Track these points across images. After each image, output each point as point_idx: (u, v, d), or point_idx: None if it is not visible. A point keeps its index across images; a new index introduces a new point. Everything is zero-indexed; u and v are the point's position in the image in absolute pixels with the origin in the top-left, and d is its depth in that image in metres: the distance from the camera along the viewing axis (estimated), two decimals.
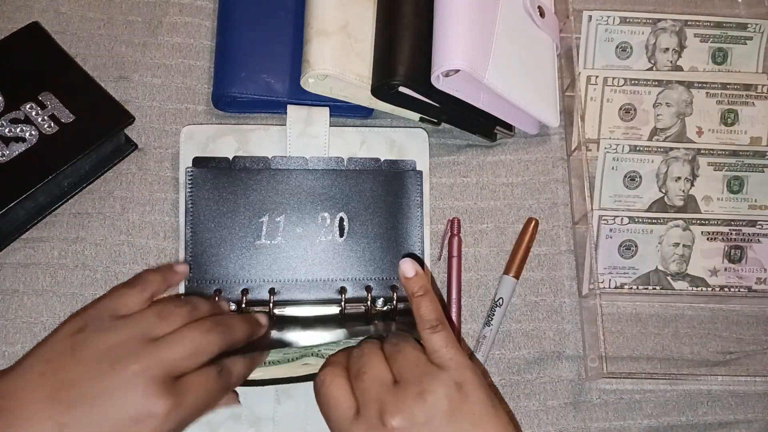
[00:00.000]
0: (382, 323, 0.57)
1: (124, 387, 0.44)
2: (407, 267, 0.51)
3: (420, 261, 0.62)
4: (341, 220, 0.62)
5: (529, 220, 0.65)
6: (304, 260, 0.61)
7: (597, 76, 0.68)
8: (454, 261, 0.63)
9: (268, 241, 0.61)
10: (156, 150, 0.66)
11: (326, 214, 0.62)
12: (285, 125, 0.63)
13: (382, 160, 0.64)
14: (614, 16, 0.71)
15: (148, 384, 0.44)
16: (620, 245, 0.64)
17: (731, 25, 0.71)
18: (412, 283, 0.50)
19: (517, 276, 0.63)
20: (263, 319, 0.55)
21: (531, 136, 0.69)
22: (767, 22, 0.71)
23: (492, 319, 0.61)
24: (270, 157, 0.63)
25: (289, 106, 0.63)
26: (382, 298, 0.61)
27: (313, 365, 0.55)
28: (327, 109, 0.64)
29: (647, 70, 0.71)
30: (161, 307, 0.49)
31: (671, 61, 0.71)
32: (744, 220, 0.65)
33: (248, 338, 0.52)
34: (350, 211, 0.62)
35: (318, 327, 0.57)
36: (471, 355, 0.61)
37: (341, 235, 0.61)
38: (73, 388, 0.44)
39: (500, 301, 0.62)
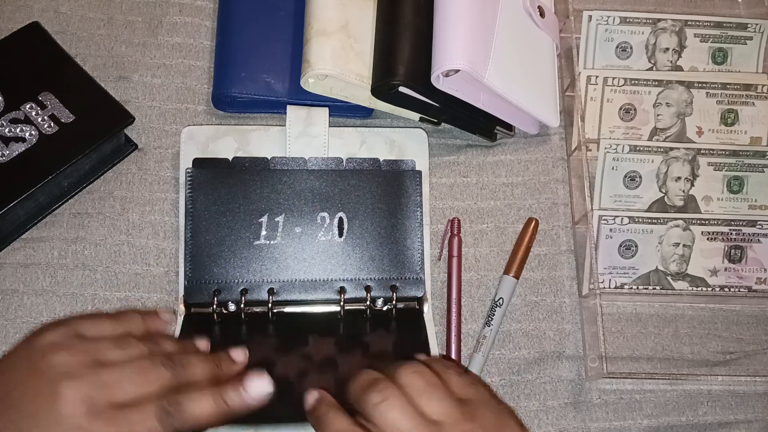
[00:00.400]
0: None
1: (57, 401, 0.43)
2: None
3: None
4: (340, 220, 0.62)
5: (529, 220, 0.65)
6: (304, 260, 0.61)
7: (597, 76, 0.68)
8: (454, 261, 0.63)
9: (268, 242, 0.61)
10: (156, 150, 0.66)
11: (325, 214, 0.62)
12: (285, 125, 0.63)
13: (382, 160, 0.64)
14: (614, 16, 0.71)
15: (83, 404, 0.43)
16: (620, 245, 0.64)
17: (731, 25, 0.71)
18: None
19: (517, 276, 0.63)
20: (254, 386, 0.48)
21: (531, 136, 0.69)
22: (767, 22, 0.71)
23: (492, 319, 0.61)
24: (269, 158, 0.63)
25: (288, 107, 0.63)
26: (381, 298, 0.61)
27: None
28: (326, 109, 0.64)
29: (647, 70, 0.71)
30: (123, 336, 0.48)
31: (671, 61, 0.71)
32: (744, 220, 0.65)
33: (210, 380, 0.48)
34: (349, 211, 0.62)
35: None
36: (471, 355, 0.61)
37: (340, 235, 0.61)
38: (11, 395, 0.43)
39: (500, 301, 0.62)
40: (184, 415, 0.45)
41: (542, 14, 0.67)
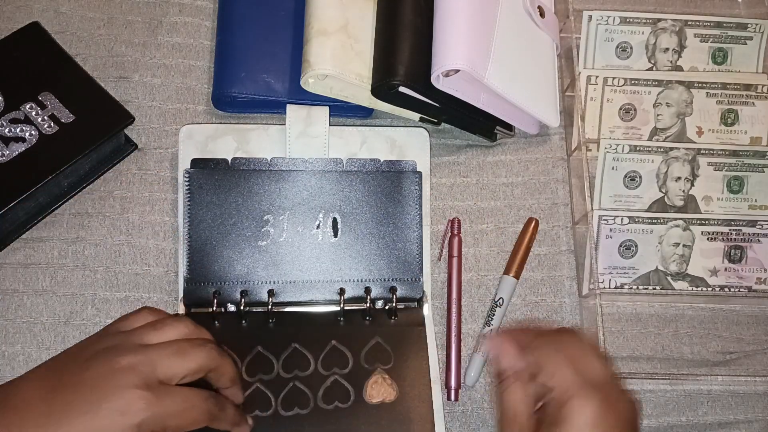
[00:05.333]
0: None
1: (111, 377, 0.45)
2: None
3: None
4: (334, 220, 0.62)
5: (529, 220, 0.65)
6: (303, 261, 0.61)
7: (597, 76, 0.68)
8: (454, 261, 0.63)
9: (267, 243, 0.61)
10: (156, 150, 0.66)
11: (321, 215, 0.62)
12: (285, 125, 0.63)
13: (382, 160, 0.64)
14: (614, 16, 0.71)
15: (134, 379, 0.45)
16: (620, 245, 0.64)
17: (731, 25, 0.71)
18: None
19: (517, 276, 0.63)
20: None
21: (531, 136, 0.69)
22: (767, 22, 0.71)
23: (492, 319, 0.61)
24: (269, 159, 0.62)
25: (288, 106, 0.63)
26: (381, 299, 0.61)
27: None
28: (327, 108, 0.64)
29: (647, 70, 0.71)
30: (158, 320, 0.51)
31: (671, 61, 0.71)
32: (744, 220, 0.65)
33: (231, 384, 0.52)
34: (344, 211, 0.62)
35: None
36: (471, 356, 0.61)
37: (335, 235, 0.61)
38: (66, 378, 0.46)
39: (500, 301, 0.62)
40: (221, 413, 0.50)
41: (542, 14, 0.67)
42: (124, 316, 0.52)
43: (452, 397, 0.60)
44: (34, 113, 0.61)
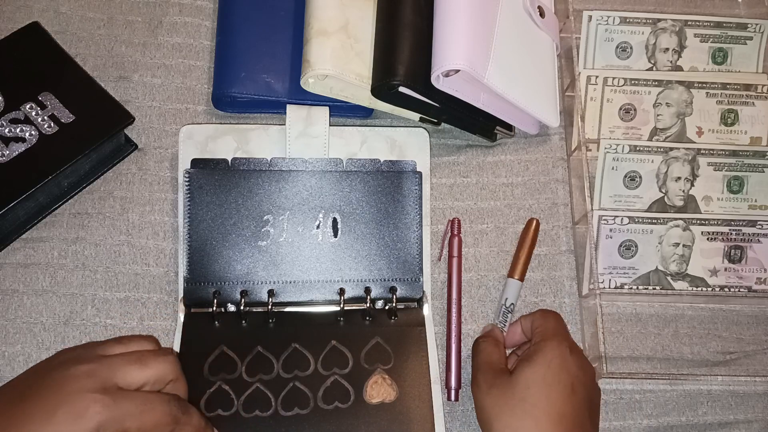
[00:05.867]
0: None
1: (68, 383, 0.46)
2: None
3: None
4: (334, 220, 0.62)
5: (530, 221, 0.65)
6: (303, 261, 0.61)
7: (597, 76, 0.68)
8: (455, 261, 0.63)
9: (267, 243, 0.61)
10: (156, 150, 0.66)
11: (321, 215, 0.62)
12: (285, 125, 0.63)
13: (382, 160, 0.64)
14: (614, 16, 0.71)
15: (91, 383, 0.46)
16: (620, 245, 0.64)
17: (731, 25, 0.71)
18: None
19: (522, 278, 0.63)
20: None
21: (531, 136, 0.69)
22: (767, 22, 0.71)
23: (505, 326, 0.61)
24: (269, 159, 0.62)
25: (288, 106, 0.63)
26: (381, 300, 0.61)
27: None
28: (327, 108, 0.64)
29: (647, 70, 0.71)
30: (124, 336, 0.53)
31: (671, 61, 0.71)
32: (744, 220, 0.65)
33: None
34: (344, 211, 0.62)
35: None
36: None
37: (335, 235, 0.61)
38: (26, 391, 0.46)
39: (512, 306, 0.62)
40: (182, 416, 0.49)
41: (542, 14, 0.67)
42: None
43: (452, 398, 0.60)
44: (34, 113, 0.61)
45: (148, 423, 0.46)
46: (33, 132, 0.60)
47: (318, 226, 0.61)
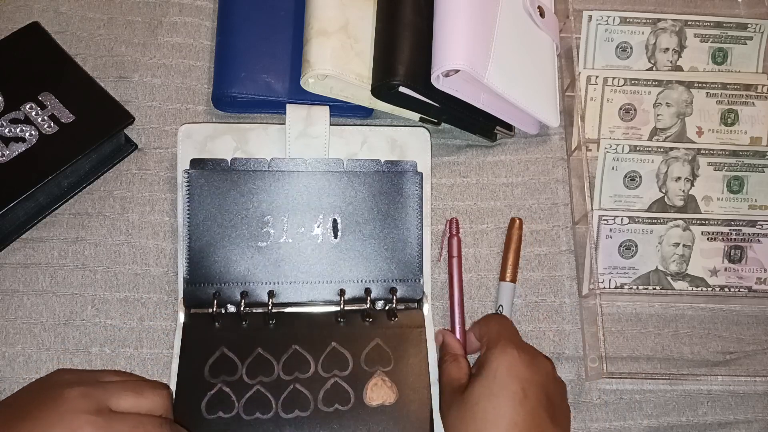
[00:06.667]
0: None
1: (63, 403, 0.47)
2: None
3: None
4: (334, 221, 0.62)
5: (512, 220, 0.65)
6: (303, 262, 0.61)
7: (597, 76, 0.68)
8: (454, 261, 0.63)
9: (267, 243, 0.61)
10: (156, 150, 0.66)
11: (321, 216, 0.62)
12: (285, 125, 0.63)
13: (383, 161, 0.63)
14: (614, 16, 0.71)
15: (85, 405, 0.47)
16: (620, 245, 0.64)
17: (731, 25, 0.71)
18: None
19: (513, 279, 0.63)
20: None
21: (531, 136, 0.69)
22: (767, 22, 0.71)
23: None
24: (269, 159, 0.62)
25: (288, 106, 0.63)
26: (382, 300, 0.61)
27: None
28: (327, 108, 0.64)
29: (647, 70, 0.71)
30: (121, 371, 0.56)
31: (671, 61, 0.71)
32: (744, 220, 0.65)
33: None
34: (345, 212, 0.62)
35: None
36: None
37: (335, 236, 0.61)
38: (23, 411, 0.47)
39: (500, 308, 0.62)
40: None
41: (542, 14, 0.67)
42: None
43: None
44: (34, 113, 0.61)
45: None
46: (33, 132, 0.60)
47: (318, 227, 0.61)
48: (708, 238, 0.65)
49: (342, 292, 0.61)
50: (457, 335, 0.61)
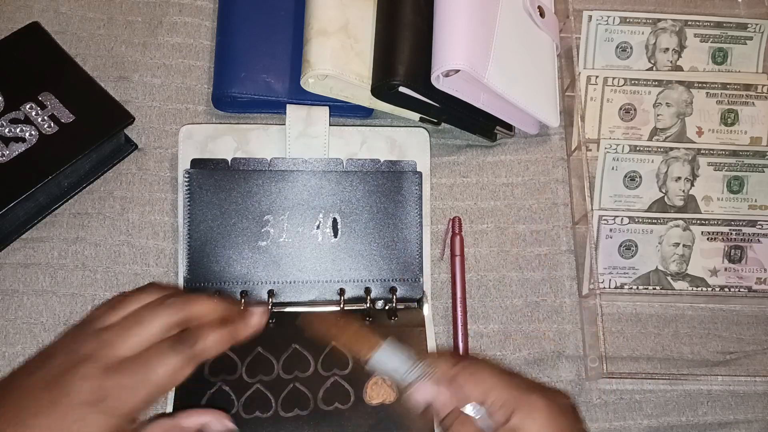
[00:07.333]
0: None
1: (73, 372, 0.45)
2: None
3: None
4: (334, 221, 0.62)
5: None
6: (303, 262, 0.61)
7: (597, 76, 0.68)
8: (457, 260, 0.63)
9: (267, 243, 0.61)
10: (156, 150, 0.66)
11: (321, 216, 0.62)
12: (285, 125, 0.63)
13: (382, 160, 0.64)
14: (614, 16, 0.71)
15: (94, 366, 0.45)
16: (620, 245, 0.64)
17: (731, 25, 0.71)
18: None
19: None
20: (256, 318, 0.51)
21: (531, 136, 0.69)
22: (767, 22, 0.71)
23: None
24: (269, 159, 0.62)
25: (288, 106, 0.63)
26: (381, 300, 0.61)
27: None
28: (327, 108, 0.64)
29: (647, 70, 0.71)
30: (116, 299, 0.50)
31: (671, 61, 0.71)
32: (744, 220, 0.65)
33: (218, 316, 0.50)
34: (344, 211, 0.62)
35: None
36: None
37: (335, 236, 0.61)
38: (31, 376, 0.46)
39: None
40: (193, 342, 0.47)
41: (542, 14, 0.67)
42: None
43: None
44: (34, 113, 0.61)
45: (151, 387, 0.45)
46: (33, 132, 0.60)
47: (318, 227, 0.61)
48: (708, 238, 0.65)
49: (342, 292, 0.61)
50: (459, 335, 0.61)
